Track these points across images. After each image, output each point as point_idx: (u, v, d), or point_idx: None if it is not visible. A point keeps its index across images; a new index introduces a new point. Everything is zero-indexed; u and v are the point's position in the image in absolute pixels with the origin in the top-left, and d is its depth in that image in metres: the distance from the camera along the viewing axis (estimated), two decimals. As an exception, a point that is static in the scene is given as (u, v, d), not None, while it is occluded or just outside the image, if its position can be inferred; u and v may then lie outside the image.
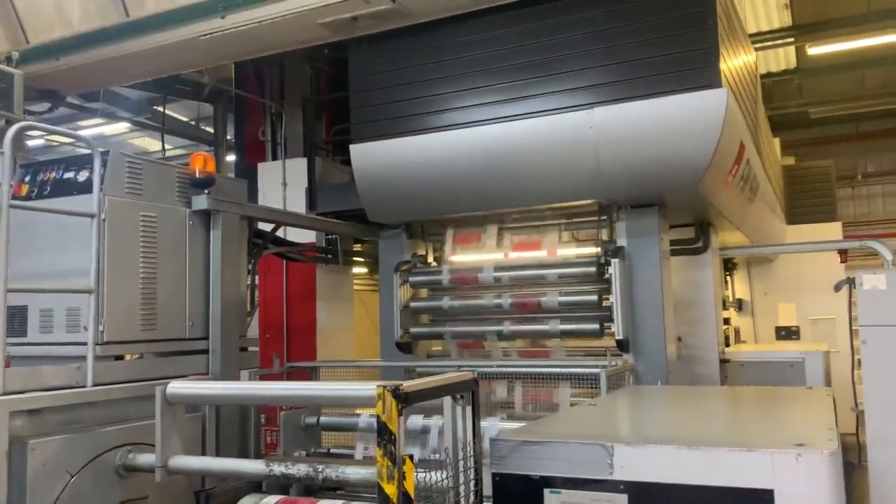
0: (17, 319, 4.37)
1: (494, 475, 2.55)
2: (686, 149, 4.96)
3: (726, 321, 11.34)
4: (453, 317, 6.34)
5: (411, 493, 2.05)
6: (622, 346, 5.53)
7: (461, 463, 2.47)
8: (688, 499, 2.30)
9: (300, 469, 3.56)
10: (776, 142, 13.03)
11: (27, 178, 4.61)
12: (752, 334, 11.37)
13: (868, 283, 2.98)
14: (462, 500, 2.44)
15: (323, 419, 4.91)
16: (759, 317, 11.59)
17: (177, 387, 3.88)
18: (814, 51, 12.00)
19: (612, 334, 5.58)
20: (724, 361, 6.90)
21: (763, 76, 13.94)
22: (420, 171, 5.81)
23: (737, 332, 10.25)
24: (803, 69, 13.76)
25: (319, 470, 3.51)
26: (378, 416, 2.08)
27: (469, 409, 2.52)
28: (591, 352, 5.93)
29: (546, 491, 2.46)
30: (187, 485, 4.36)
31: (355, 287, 8.70)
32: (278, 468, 3.60)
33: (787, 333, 11.25)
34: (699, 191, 5.29)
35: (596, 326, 5.65)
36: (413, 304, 6.40)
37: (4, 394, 3.53)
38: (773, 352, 7.37)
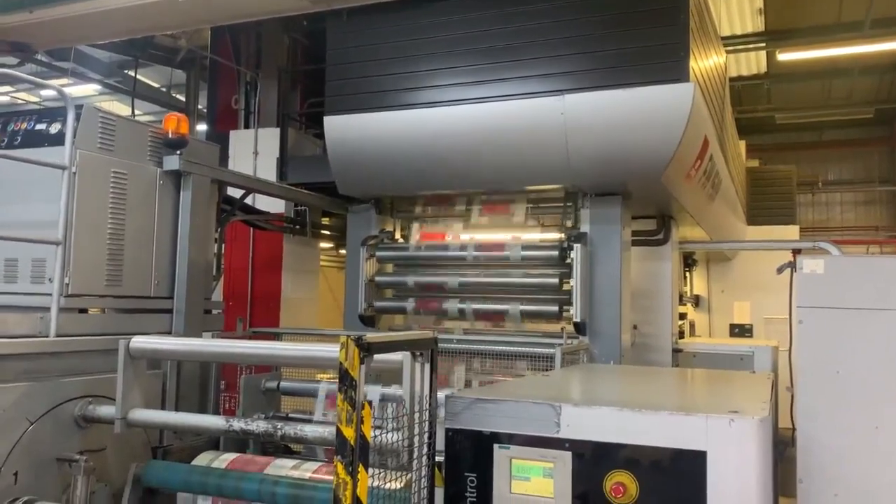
0: (-19, 268, 4.36)
1: (447, 430, 2.68)
2: (652, 139, 5.11)
3: (683, 316, 11.61)
4: (417, 293, 6.45)
5: (368, 436, 2.16)
6: (579, 328, 5.68)
7: (416, 416, 2.59)
8: (627, 458, 2.45)
9: (259, 426, 3.66)
10: (742, 144, 13.33)
11: (-3, 128, 4.59)
12: (707, 330, 11.68)
13: (807, 267, 3.16)
14: (416, 452, 2.56)
15: (283, 384, 4.98)
16: (715, 313, 11.90)
17: (140, 341, 3.94)
18: (783, 56, 12.28)
19: (571, 317, 5.73)
20: (676, 351, 7.12)
21: (733, 79, 14.23)
22: (392, 146, 5.88)
23: (692, 326, 10.54)
24: (773, 74, 14.08)
25: (278, 427, 3.62)
26: (340, 363, 2.18)
27: (427, 366, 2.64)
28: (548, 335, 6.09)
29: (495, 446, 2.60)
30: (145, 440, 4.42)
31: (320, 262, 8.75)
32: (238, 424, 3.70)
33: (740, 331, 11.57)
34: (662, 182, 5.46)
35: (555, 308, 5.80)
36: (378, 279, 6.50)
37: (-33, 338, 3.55)
38: (724, 345, 7.63)
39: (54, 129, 4.42)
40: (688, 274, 10.87)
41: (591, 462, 2.49)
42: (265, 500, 3.69)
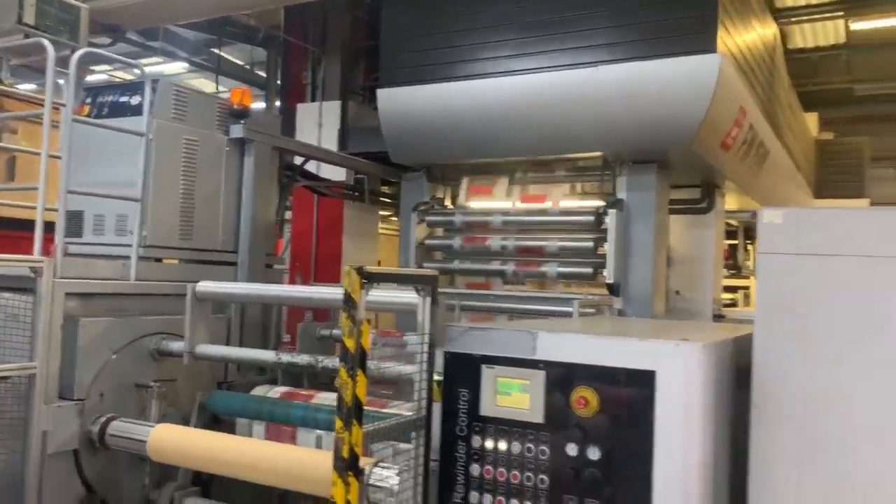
0: (75, 222, 5.04)
1: (445, 353, 3.14)
2: (680, 108, 5.35)
3: (743, 288, 11.60)
4: (463, 255, 6.88)
5: (366, 347, 2.62)
6: (612, 289, 5.99)
7: (422, 338, 3.06)
8: (590, 375, 2.85)
9: (303, 358, 4.23)
10: (813, 116, 13.08)
11: (89, 100, 5.26)
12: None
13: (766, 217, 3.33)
14: (420, 367, 3.04)
15: (335, 331, 5.49)
16: (778, 286, 11.83)
17: (205, 285, 4.55)
18: (856, 26, 11.97)
19: (605, 279, 6.04)
20: (718, 317, 7.32)
21: (811, 50, 13.91)
22: (440, 117, 6.29)
23: (747, 297, 10.60)
24: (852, 45, 13.66)
25: (319, 360, 4.17)
26: (344, 289, 2.64)
27: (429, 299, 3.09)
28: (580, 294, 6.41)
29: (483, 366, 3.05)
30: (211, 377, 5.04)
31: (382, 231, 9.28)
32: (285, 357, 4.27)
33: (803, 303, 11.46)
34: (695, 150, 5.68)
35: (589, 270, 6.12)
36: (427, 242, 6.96)
37: (62, 278, 4.20)
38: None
39: (135, 101, 5.04)
40: (750, 246, 10.88)
41: (560, 380, 2.89)
42: (308, 424, 4.24)
